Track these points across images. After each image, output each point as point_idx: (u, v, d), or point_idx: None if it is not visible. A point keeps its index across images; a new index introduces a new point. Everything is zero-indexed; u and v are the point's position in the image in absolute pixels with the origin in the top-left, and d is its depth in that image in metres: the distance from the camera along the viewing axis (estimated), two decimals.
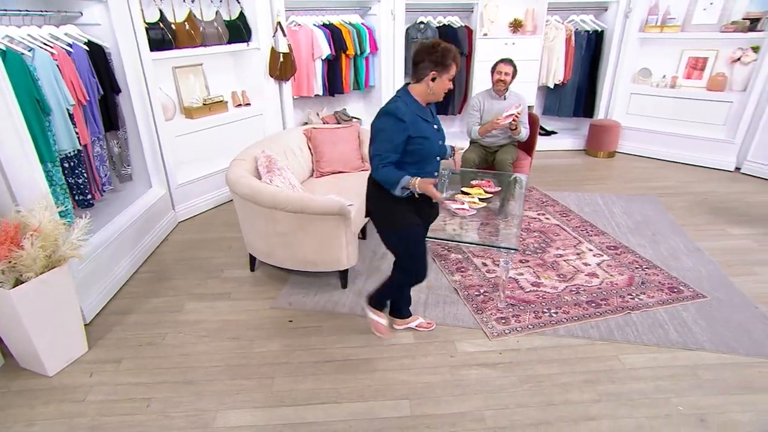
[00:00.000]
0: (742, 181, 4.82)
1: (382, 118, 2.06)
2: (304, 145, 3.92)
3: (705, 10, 5.08)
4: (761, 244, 3.55)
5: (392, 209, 2.19)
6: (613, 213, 4.07)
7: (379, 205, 2.24)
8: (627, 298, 2.89)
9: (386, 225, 2.26)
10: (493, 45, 5.29)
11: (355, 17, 5.19)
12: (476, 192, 3.33)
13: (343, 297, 2.98)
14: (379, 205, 2.25)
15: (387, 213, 2.22)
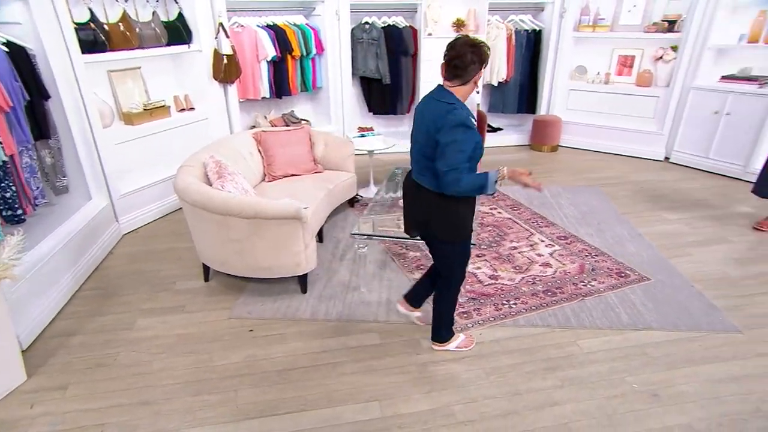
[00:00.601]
0: (672, 169, 5.17)
1: (450, 132, 1.90)
2: (254, 149, 3.81)
3: (630, 11, 5.41)
4: (692, 227, 3.81)
5: (462, 219, 2.14)
6: (560, 205, 4.24)
7: (449, 217, 2.11)
8: (580, 285, 3.02)
9: (455, 236, 2.16)
10: (438, 44, 5.36)
11: (299, 18, 5.12)
12: None
13: (303, 302, 2.92)
14: (448, 217, 2.11)
15: (458, 224, 2.14)
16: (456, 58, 1.94)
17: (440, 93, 2.01)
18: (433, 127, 1.96)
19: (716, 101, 4.80)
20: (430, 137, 1.98)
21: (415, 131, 2.13)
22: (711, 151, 4.95)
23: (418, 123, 2.10)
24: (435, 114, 1.97)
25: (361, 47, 5.45)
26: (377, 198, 3.44)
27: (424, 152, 2.05)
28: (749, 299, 2.89)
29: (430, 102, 2.04)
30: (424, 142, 2.04)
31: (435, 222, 2.13)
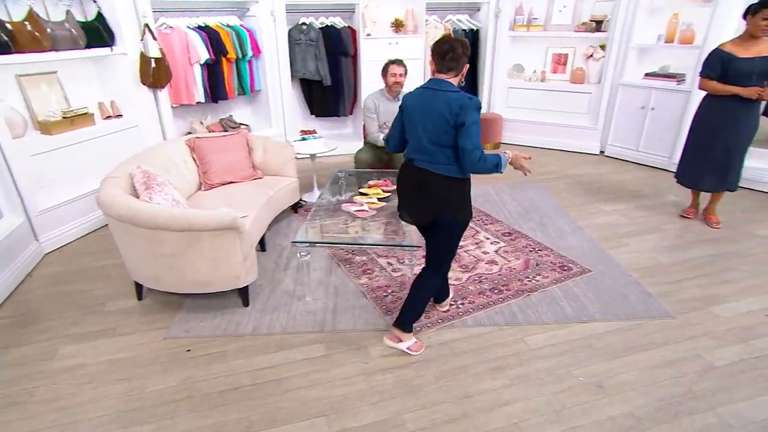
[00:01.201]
0: (607, 162, 5.39)
1: (474, 113, 2.06)
2: (189, 157, 3.61)
3: (560, 12, 5.60)
4: (628, 218, 3.97)
5: (470, 199, 2.33)
6: (504, 201, 4.31)
7: (462, 197, 2.28)
8: (525, 281, 3.06)
9: (467, 215, 2.32)
10: (378, 45, 5.34)
11: (232, 19, 4.92)
12: (374, 192, 3.31)
13: (245, 316, 2.78)
14: (461, 197, 2.28)
15: (468, 204, 2.32)
16: (450, 52, 2.10)
17: (442, 84, 2.13)
18: (450, 113, 2.06)
19: (642, 97, 5.05)
20: (448, 124, 2.08)
21: (420, 123, 2.17)
22: (640, 144, 5.21)
23: (422, 114, 2.16)
24: (448, 101, 2.07)
25: (300, 48, 5.32)
26: (320, 202, 3.34)
27: (438, 140, 2.14)
28: (679, 285, 3.02)
29: (432, 93, 2.13)
30: (438, 131, 2.11)
31: (453, 204, 2.25)
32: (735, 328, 2.62)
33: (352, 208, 3.06)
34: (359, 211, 3.04)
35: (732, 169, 3.56)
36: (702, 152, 3.65)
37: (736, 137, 3.48)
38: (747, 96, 3.31)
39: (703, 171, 3.70)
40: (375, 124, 3.99)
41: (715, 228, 3.76)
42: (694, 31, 4.71)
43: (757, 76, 3.29)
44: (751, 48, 3.29)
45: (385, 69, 3.88)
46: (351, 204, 3.11)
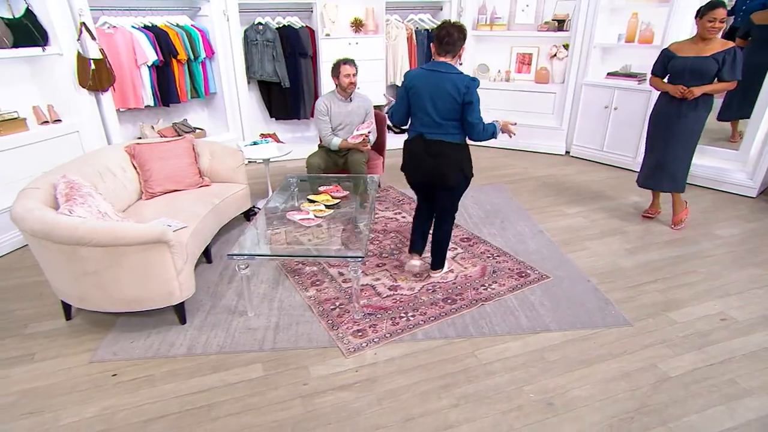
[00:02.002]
0: (572, 163, 5.33)
1: (476, 92, 2.51)
2: (128, 164, 3.40)
3: (523, 11, 5.53)
4: (590, 220, 3.89)
5: (471, 158, 2.75)
6: (464, 205, 4.18)
7: (469, 157, 2.73)
8: (480, 290, 2.93)
9: (471, 171, 2.76)
10: (337, 45, 5.18)
11: (183, 18, 4.71)
12: (323, 199, 3.15)
13: (181, 335, 2.58)
14: (468, 158, 2.73)
15: (470, 162, 2.75)
16: (447, 36, 2.47)
17: (445, 66, 2.52)
18: (458, 93, 2.48)
19: (605, 96, 5.00)
20: (455, 102, 2.50)
21: (430, 101, 2.55)
22: (605, 144, 5.16)
23: (431, 93, 2.53)
24: (454, 82, 2.48)
25: (256, 49, 5.13)
26: (267, 210, 3.16)
27: (447, 116, 2.56)
28: (638, 289, 2.94)
29: (437, 75, 2.51)
30: (448, 108, 2.53)
31: (464, 165, 2.70)
32: (691, 335, 2.54)
33: (297, 217, 2.89)
34: (304, 220, 2.87)
35: (677, 168, 3.51)
36: (649, 151, 3.63)
37: (675, 136, 3.44)
38: (672, 93, 3.34)
39: (651, 170, 3.66)
40: (328, 126, 3.83)
41: (675, 229, 3.71)
42: (653, 30, 4.67)
43: (688, 75, 3.26)
44: (698, 48, 3.26)
45: (337, 69, 3.72)
46: (296, 212, 2.95)
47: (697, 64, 3.24)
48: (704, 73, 3.25)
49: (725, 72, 3.22)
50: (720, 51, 3.20)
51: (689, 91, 3.25)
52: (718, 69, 3.22)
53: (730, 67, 3.21)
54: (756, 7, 4.66)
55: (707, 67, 3.23)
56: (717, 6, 3.14)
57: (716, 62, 3.21)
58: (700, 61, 3.24)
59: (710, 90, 3.28)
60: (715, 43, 3.24)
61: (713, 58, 3.21)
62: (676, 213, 3.73)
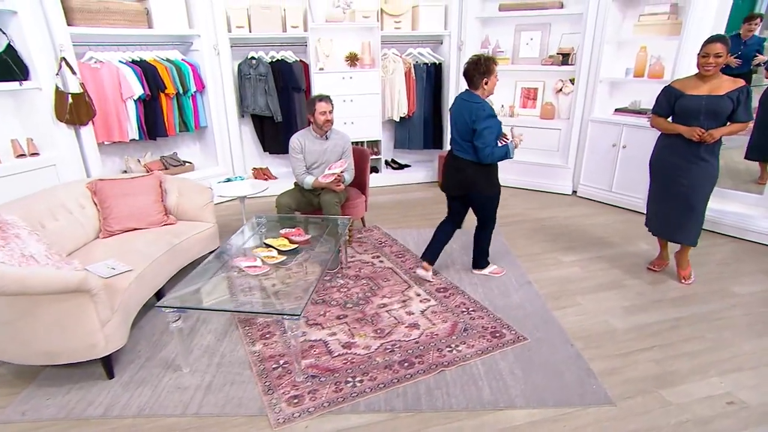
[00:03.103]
0: (579, 204, 4.94)
1: (484, 121, 2.85)
2: (88, 201, 3.27)
3: (527, 44, 5.29)
4: (587, 270, 3.50)
5: (494, 178, 3.11)
6: (451, 249, 3.86)
7: (486, 177, 3.06)
8: (445, 351, 2.59)
9: (492, 191, 3.12)
10: (330, 79, 5.06)
11: (173, 53, 4.68)
12: (279, 243, 2.91)
13: (103, 392, 2.35)
14: (485, 178, 3.06)
15: (493, 182, 3.11)
16: (466, 72, 2.93)
17: (468, 95, 2.96)
18: (469, 118, 2.89)
19: (613, 134, 4.64)
20: (468, 126, 2.91)
21: (454, 123, 3.03)
22: (613, 185, 4.76)
23: (455, 117, 3.01)
24: (469, 110, 2.89)
25: (250, 83, 5.06)
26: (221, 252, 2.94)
27: (463, 136, 2.98)
28: (628, 359, 2.53)
29: (462, 102, 2.98)
30: (463, 130, 2.96)
31: (479, 183, 3.06)
32: (687, 422, 2.11)
33: (243, 264, 2.66)
34: (251, 268, 2.63)
35: (689, 219, 3.10)
36: (658, 197, 3.24)
37: (690, 183, 3.04)
38: (688, 136, 2.94)
39: (661, 218, 3.27)
40: (301, 165, 3.63)
41: (685, 284, 3.27)
42: (663, 65, 4.33)
43: (704, 116, 2.90)
44: (703, 85, 2.92)
45: (312, 106, 3.53)
46: (243, 258, 2.71)
47: (713, 104, 2.88)
48: (720, 114, 2.89)
49: (740, 113, 2.86)
50: (734, 90, 2.85)
51: (709, 134, 2.88)
52: (732, 109, 2.87)
53: (744, 106, 2.86)
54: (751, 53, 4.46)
55: (723, 107, 2.87)
56: (712, 41, 2.82)
57: (732, 102, 2.85)
58: (715, 101, 2.88)
59: (728, 132, 2.91)
60: (725, 81, 2.89)
61: (728, 97, 2.85)
62: (682, 267, 3.31)
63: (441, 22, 5.25)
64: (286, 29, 4.90)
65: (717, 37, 2.83)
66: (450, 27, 5.25)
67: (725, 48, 2.81)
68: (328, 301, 3.13)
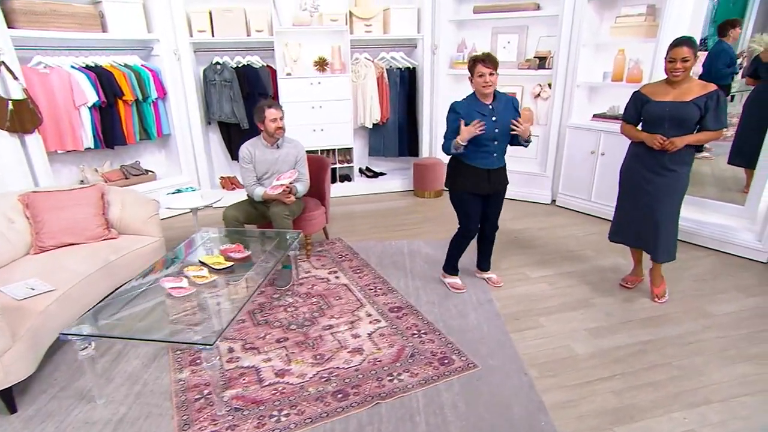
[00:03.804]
0: (557, 214, 4.72)
1: (449, 114, 2.88)
2: (19, 215, 3.08)
3: (505, 47, 5.09)
4: (555, 287, 3.28)
5: (455, 174, 3.00)
6: (414, 264, 3.65)
7: (451, 172, 3.04)
8: (385, 381, 2.37)
9: (450, 185, 3.06)
10: (298, 85, 4.88)
11: (132, 58, 4.50)
12: (214, 261, 2.70)
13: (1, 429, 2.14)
14: (450, 172, 3.04)
15: (453, 179, 3.02)
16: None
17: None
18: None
19: (591, 140, 4.43)
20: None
21: None
22: (592, 194, 4.54)
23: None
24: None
25: (215, 89, 4.88)
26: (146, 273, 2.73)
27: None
28: (586, 389, 2.30)
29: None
30: None
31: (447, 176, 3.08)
32: None
33: (168, 285, 2.45)
34: (175, 289, 2.42)
35: (657, 234, 2.88)
36: (625, 208, 3.04)
37: (655, 194, 2.83)
38: (649, 144, 2.77)
39: (627, 229, 3.06)
40: (251, 175, 3.42)
41: (658, 302, 3.05)
42: (641, 68, 4.12)
43: (668, 123, 2.69)
44: (671, 91, 2.71)
45: (261, 114, 3.33)
46: (169, 279, 2.50)
47: (678, 111, 2.68)
48: (685, 121, 2.69)
49: (709, 120, 2.66)
50: (701, 95, 2.64)
51: (670, 142, 2.68)
52: (700, 116, 2.66)
53: (714, 113, 2.64)
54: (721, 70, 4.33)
55: (688, 114, 2.66)
56: (678, 44, 2.62)
57: (698, 108, 2.64)
58: (680, 108, 2.67)
59: (693, 141, 2.71)
60: (694, 87, 2.68)
61: (694, 103, 2.65)
62: (655, 284, 3.08)
63: (414, 25, 5.06)
64: (251, 33, 4.71)
65: (683, 40, 2.62)
66: (423, 30, 5.06)
67: (692, 51, 2.60)
68: (271, 322, 2.92)
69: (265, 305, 3.11)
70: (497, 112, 2.86)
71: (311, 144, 5.11)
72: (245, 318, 2.96)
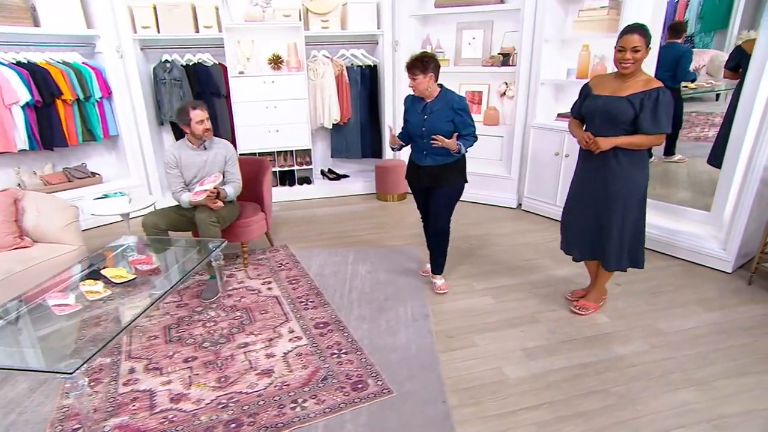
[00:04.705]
0: (521, 219, 4.48)
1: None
2: None
3: (470, 44, 4.85)
4: (499, 301, 3.05)
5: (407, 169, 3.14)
6: (356, 273, 3.42)
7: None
8: (287, 409, 2.14)
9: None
10: (250, 84, 4.66)
11: (72, 55, 4.29)
12: (114, 273, 2.48)
13: None
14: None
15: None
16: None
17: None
18: None
19: (555, 141, 4.19)
20: None
21: None
22: (557, 198, 4.30)
23: None
24: None
25: (165, 88, 4.66)
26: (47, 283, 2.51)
27: None
28: (507, 421, 2.07)
29: None
30: None
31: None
32: None
33: (53, 301, 2.23)
34: (59, 306, 2.20)
35: (607, 242, 2.64)
36: (570, 209, 2.82)
37: (598, 197, 2.59)
38: (577, 141, 2.51)
39: (575, 235, 2.82)
40: (177, 181, 3.20)
41: (577, 312, 2.83)
42: (606, 65, 3.88)
43: (599, 119, 2.45)
44: (616, 86, 2.47)
45: (185, 116, 3.10)
46: (56, 294, 2.28)
47: (609, 107, 2.43)
48: (616, 119, 2.42)
49: (644, 121, 2.37)
50: (639, 92, 2.38)
51: (594, 141, 2.43)
52: (635, 115, 2.40)
53: (651, 114, 2.35)
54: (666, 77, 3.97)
55: (620, 111, 2.40)
56: (629, 32, 2.35)
57: (631, 106, 2.38)
58: (611, 103, 2.42)
59: (623, 144, 2.42)
60: (638, 81, 2.42)
61: (629, 100, 2.38)
62: (591, 295, 2.87)
63: (373, 21, 4.83)
64: (200, 30, 4.49)
65: (635, 27, 2.36)
66: (383, 26, 4.82)
67: (644, 40, 2.34)
68: (185, 338, 2.70)
69: (184, 319, 2.89)
70: (430, 111, 2.81)
71: (266, 145, 4.90)
72: (158, 334, 2.75)
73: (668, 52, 4.00)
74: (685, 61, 4.03)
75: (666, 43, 4.16)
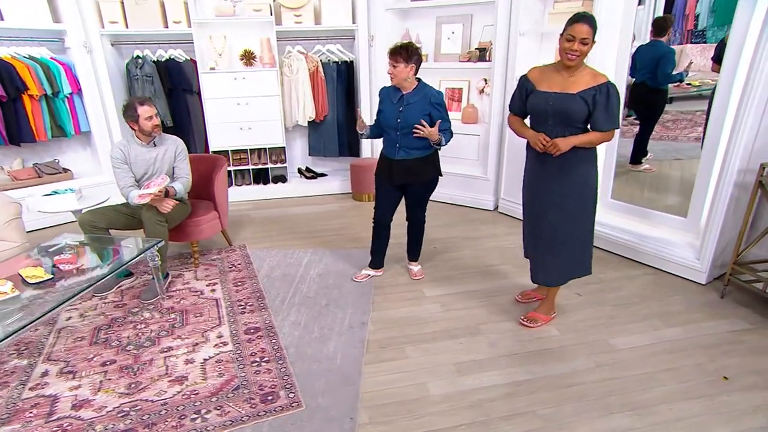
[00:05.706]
0: (496, 222, 4.28)
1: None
2: None
3: (449, 39, 4.66)
4: (447, 309, 2.88)
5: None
6: (306, 275, 3.30)
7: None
8: (187, 420, 2.03)
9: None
10: (221, 80, 4.57)
11: (40, 50, 4.27)
12: (31, 273, 2.41)
13: None
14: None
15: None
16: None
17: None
18: None
19: None
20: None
21: None
22: None
23: None
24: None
25: (138, 85, 4.62)
26: None
27: None
28: None
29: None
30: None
31: None
32: None
33: None
34: None
35: (546, 252, 2.44)
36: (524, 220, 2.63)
37: (546, 203, 2.40)
38: (533, 144, 2.31)
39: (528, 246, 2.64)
40: (127, 177, 3.10)
41: (526, 324, 2.65)
42: None
43: (552, 119, 2.25)
44: (562, 81, 2.26)
45: (133, 112, 3.01)
46: None
47: (562, 105, 2.24)
48: (570, 118, 2.25)
49: (599, 118, 2.22)
50: (589, 88, 2.19)
51: (552, 143, 2.25)
52: (588, 113, 2.22)
53: (604, 110, 2.21)
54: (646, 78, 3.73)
55: (574, 109, 2.23)
56: (578, 20, 2.16)
57: (585, 103, 2.20)
58: (564, 101, 2.24)
59: (581, 143, 2.27)
60: (586, 76, 2.24)
61: (581, 96, 2.20)
62: (541, 307, 2.67)
63: (348, 15, 4.68)
64: (168, 25, 4.42)
65: (585, 16, 2.18)
66: (359, 20, 4.67)
67: (592, 32, 2.16)
68: (111, 341, 2.62)
69: (117, 320, 2.81)
70: (406, 103, 2.74)
71: (238, 143, 4.81)
72: (86, 335, 2.67)
73: (648, 52, 3.72)
74: (666, 62, 3.72)
75: (650, 41, 3.88)
